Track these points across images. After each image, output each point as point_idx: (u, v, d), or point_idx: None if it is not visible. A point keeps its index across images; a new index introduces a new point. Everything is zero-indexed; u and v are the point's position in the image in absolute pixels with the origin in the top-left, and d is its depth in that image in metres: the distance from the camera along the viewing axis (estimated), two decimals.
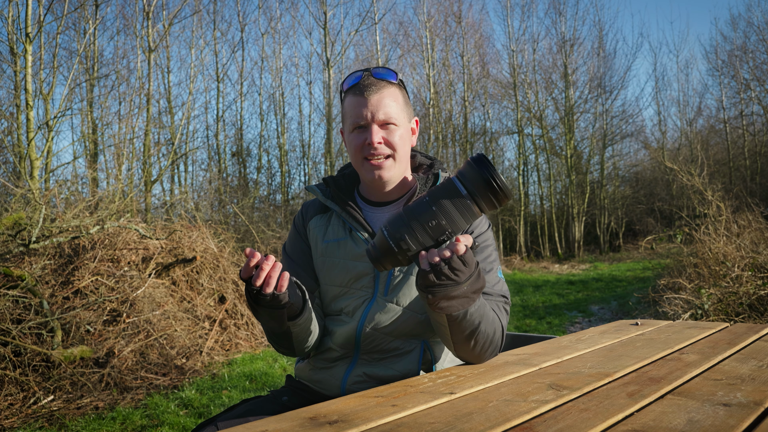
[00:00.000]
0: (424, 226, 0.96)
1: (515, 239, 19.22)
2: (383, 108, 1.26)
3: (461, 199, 0.95)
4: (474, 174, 0.94)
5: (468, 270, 1.01)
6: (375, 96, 1.26)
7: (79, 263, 4.88)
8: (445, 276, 0.99)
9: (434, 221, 0.96)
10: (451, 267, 0.99)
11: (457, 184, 0.95)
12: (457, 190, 0.95)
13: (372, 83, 1.27)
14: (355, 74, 1.30)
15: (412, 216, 0.97)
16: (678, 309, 5.02)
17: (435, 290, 1.01)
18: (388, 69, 1.31)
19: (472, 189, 0.94)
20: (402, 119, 1.30)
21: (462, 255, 0.98)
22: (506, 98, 20.55)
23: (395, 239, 0.98)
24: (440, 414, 0.85)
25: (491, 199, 0.94)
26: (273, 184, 18.61)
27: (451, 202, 0.95)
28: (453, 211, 0.95)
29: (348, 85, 1.31)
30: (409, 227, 0.97)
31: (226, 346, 5.34)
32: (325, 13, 16.24)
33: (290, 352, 1.29)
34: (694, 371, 1.08)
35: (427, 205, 0.97)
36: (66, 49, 13.10)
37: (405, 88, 1.36)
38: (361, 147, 1.28)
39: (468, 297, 1.06)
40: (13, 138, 8.78)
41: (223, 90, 19.68)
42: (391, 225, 0.99)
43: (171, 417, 3.47)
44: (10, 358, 3.70)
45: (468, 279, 1.02)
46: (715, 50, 21.32)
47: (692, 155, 19.21)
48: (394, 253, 0.99)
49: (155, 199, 12.74)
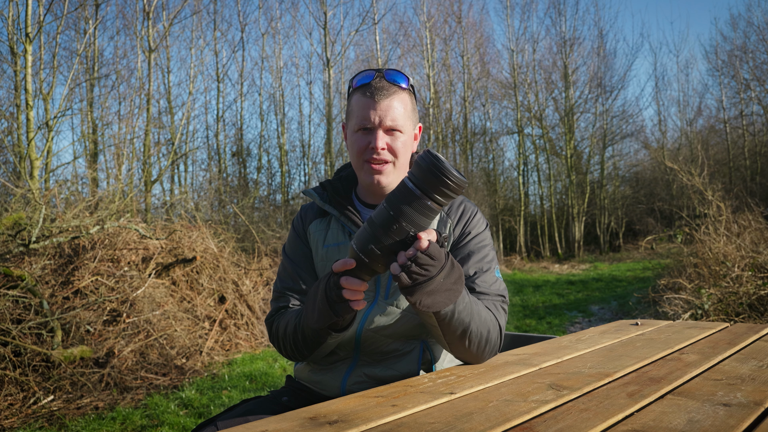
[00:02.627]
0: (387, 232, 0.98)
1: (515, 239, 19.23)
2: (391, 114, 1.26)
3: (416, 198, 0.96)
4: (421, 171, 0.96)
5: (437, 263, 1.01)
6: (385, 101, 1.26)
7: (79, 263, 4.88)
8: (415, 273, 1.00)
9: (395, 225, 0.98)
10: (418, 264, 0.99)
11: (409, 184, 0.98)
12: (409, 191, 0.97)
13: (383, 87, 1.26)
14: (367, 73, 1.29)
15: (375, 225, 1.00)
16: (678, 309, 5.02)
17: (411, 290, 1.02)
18: (400, 72, 1.29)
19: (423, 186, 0.96)
20: (407, 126, 1.30)
21: (426, 250, 0.99)
22: (506, 98, 20.57)
23: (363, 250, 1.00)
24: (440, 414, 0.85)
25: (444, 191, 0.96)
26: (273, 184, 18.63)
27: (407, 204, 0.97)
28: (410, 211, 0.97)
29: (358, 82, 1.29)
30: (373, 236, 0.99)
31: (226, 346, 5.34)
32: (325, 13, 16.24)
33: (301, 358, 1.28)
34: (694, 371, 1.08)
35: (385, 211, 0.99)
36: (66, 49, 13.11)
37: (414, 94, 1.35)
38: (364, 150, 1.28)
39: (450, 290, 1.05)
40: (13, 138, 8.78)
41: (223, 90, 19.72)
42: (358, 238, 1.02)
43: (171, 417, 3.47)
44: (10, 358, 3.70)
45: (440, 271, 1.02)
46: (715, 50, 21.36)
47: (692, 155, 19.21)
48: (366, 263, 1.01)
49: (155, 199, 12.75)
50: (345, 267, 1.02)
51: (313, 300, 1.14)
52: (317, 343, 1.20)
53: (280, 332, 1.29)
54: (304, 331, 1.20)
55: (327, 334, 1.16)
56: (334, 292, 1.06)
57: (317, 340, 1.19)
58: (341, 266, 1.03)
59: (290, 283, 1.36)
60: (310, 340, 1.20)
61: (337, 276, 1.05)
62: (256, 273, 6.73)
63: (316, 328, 1.15)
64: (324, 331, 1.15)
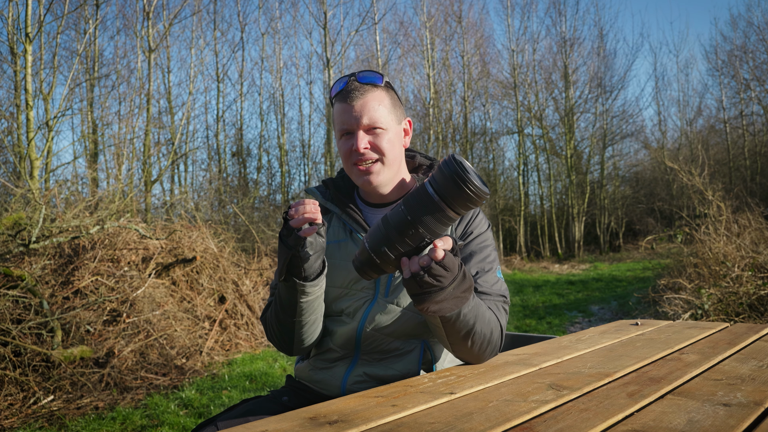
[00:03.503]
0: (402, 236, 0.96)
1: (515, 239, 19.22)
2: (368, 113, 1.25)
3: (434, 204, 0.94)
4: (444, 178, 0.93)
5: (450, 274, 1.00)
6: (359, 101, 1.25)
7: (79, 263, 4.88)
8: (426, 284, 0.99)
9: (411, 230, 0.96)
10: (431, 274, 0.98)
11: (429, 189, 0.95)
12: (429, 196, 0.94)
13: (356, 88, 1.26)
14: (341, 80, 1.29)
15: (390, 226, 0.98)
16: (678, 309, 5.02)
17: (420, 297, 1.02)
18: (373, 72, 1.29)
19: (444, 193, 0.93)
20: (390, 122, 1.29)
21: (441, 260, 0.98)
22: (506, 98, 20.56)
23: (375, 250, 0.99)
24: (440, 414, 0.85)
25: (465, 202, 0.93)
26: (273, 184, 18.62)
27: (425, 209, 0.94)
28: (428, 217, 0.94)
29: (335, 91, 1.30)
30: (387, 238, 0.97)
31: (226, 346, 5.34)
32: (325, 13, 16.23)
33: (289, 341, 1.27)
34: (694, 371, 1.08)
35: (402, 214, 0.97)
36: (66, 49, 13.11)
37: (393, 90, 1.34)
38: (349, 153, 1.28)
39: (458, 297, 1.05)
40: (13, 138, 8.78)
41: (223, 90, 19.70)
42: (371, 237, 1.00)
43: (171, 417, 3.47)
44: (10, 358, 3.70)
45: (452, 282, 1.01)
46: (715, 50, 21.36)
47: (692, 155, 19.21)
48: (376, 263, 1.00)
49: (155, 199, 12.74)
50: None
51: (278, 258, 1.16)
52: (292, 305, 1.19)
53: (268, 318, 1.30)
54: (280, 296, 1.20)
55: (295, 291, 1.15)
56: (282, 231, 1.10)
57: (291, 300, 1.18)
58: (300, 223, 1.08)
59: None
60: (285, 305, 1.20)
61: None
62: (256, 273, 6.73)
63: (283, 283, 1.16)
64: (292, 284, 1.15)
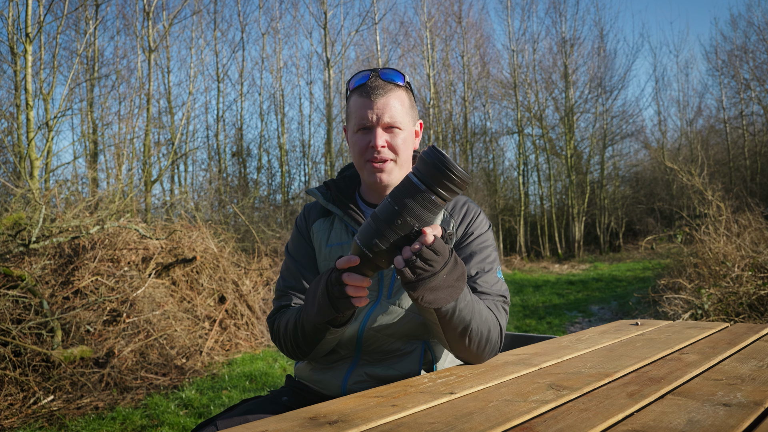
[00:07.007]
0: (391, 226, 0.99)
1: (515, 239, 19.23)
2: (389, 111, 1.27)
3: (420, 193, 0.97)
4: (426, 166, 0.97)
5: (441, 258, 1.02)
6: (381, 99, 1.26)
7: (79, 263, 4.88)
8: (419, 268, 1.00)
9: (400, 220, 0.98)
10: (423, 258, 1.00)
11: (414, 179, 0.99)
12: (414, 186, 0.98)
13: (379, 85, 1.27)
14: (363, 74, 1.30)
15: (379, 219, 1.00)
16: (678, 309, 5.02)
17: (414, 285, 1.02)
18: (395, 71, 1.30)
19: (428, 181, 0.97)
20: (406, 123, 1.31)
21: (431, 245, 0.99)
22: (506, 98, 20.56)
23: (367, 245, 1.00)
24: (440, 414, 0.85)
25: (448, 186, 0.97)
26: (273, 184, 18.62)
27: (411, 199, 0.98)
28: (415, 206, 0.98)
29: (354, 84, 1.31)
30: (377, 231, 1.00)
31: (226, 346, 5.34)
32: (325, 13, 16.23)
33: (302, 355, 1.28)
34: (694, 371, 1.08)
35: (389, 205, 1.00)
36: (66, 49, 13.12)
37: (412, 90, 1.36)
38: (365, 149, 1.29)
39: (452, 286, 1.05)
40: (13, 138, 8.78)
41: (224, 90, 19.72)
42: (361, 233, 1.02)
43: (171, 417, 3.47)
44: (10, 358, 3.70)
45: (444, 267, 1.02)
46: (715, 50, 21.35)
47: (692, 155, 19.21)
48: (370, 258, 1.01)
49: (155, 199, 12.74)
50: (349, 264, 1.02)
51: (313, 295, 1.14)
52: (316, 339, 1.20)
53: (281, 330, 1.29)
54: (304, 326, 1.20)
55: (326, 330, 1.16)
56: (335, 288, 1.06)
57: (316, 335, 1.19)
58: (345, 263, 1.03)
59: (293, 282, 1.37)
60: (309, 335, 1.20)
61: (339, 272, 1.05)
62: (256, 273, 6.73)
63: (315, 323, 1.15)
64: (323, 326, 1.15)
